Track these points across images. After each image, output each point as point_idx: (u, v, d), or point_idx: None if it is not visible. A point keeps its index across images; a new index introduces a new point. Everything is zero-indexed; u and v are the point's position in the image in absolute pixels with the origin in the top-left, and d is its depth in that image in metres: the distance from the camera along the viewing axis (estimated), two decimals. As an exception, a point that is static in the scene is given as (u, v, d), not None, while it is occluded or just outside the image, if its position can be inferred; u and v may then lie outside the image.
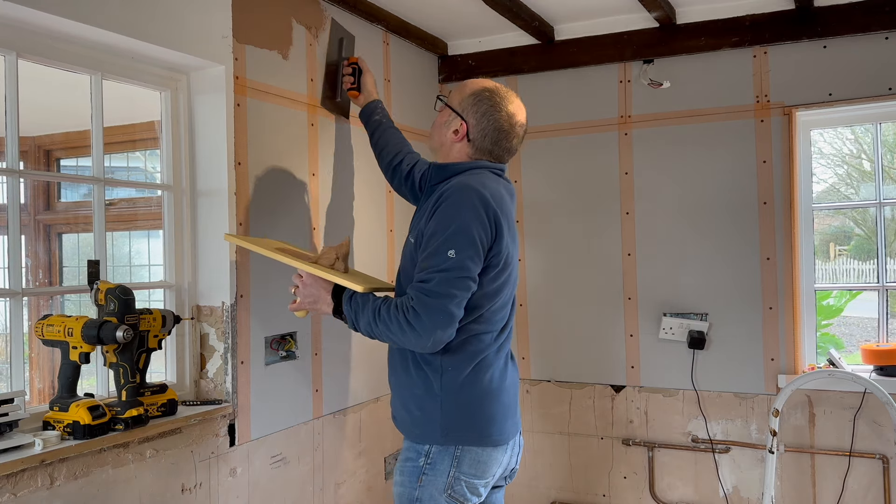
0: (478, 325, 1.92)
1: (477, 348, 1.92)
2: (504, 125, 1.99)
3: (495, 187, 1.94)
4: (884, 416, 2.93)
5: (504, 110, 1.99)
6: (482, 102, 1.99)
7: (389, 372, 2.05)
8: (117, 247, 3.96)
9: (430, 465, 1.91)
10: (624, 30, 3.26)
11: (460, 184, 1.89)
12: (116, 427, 1.94)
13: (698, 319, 3.21)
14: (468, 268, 1.80)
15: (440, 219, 1.84)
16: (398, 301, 1.84)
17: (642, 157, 3.32)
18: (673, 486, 3.30)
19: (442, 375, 1.90)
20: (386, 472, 3.14)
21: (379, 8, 3.03)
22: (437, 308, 1.77)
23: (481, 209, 1.83)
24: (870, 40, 2.94)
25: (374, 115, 2.60)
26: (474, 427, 1.91)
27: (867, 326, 7.87)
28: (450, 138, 2.03)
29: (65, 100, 3.17)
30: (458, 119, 2.01)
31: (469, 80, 2.08)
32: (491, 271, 1.88)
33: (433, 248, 1.82)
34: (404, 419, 1.98)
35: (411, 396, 1.95)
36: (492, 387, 1.94)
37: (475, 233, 1.81)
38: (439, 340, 1.81)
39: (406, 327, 1.80)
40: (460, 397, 1.90)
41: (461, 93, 2.04)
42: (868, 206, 3.73)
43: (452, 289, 1.78)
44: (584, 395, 3.44)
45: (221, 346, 2.34)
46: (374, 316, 1.85)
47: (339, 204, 2.87)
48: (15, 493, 1.72)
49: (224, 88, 2.32)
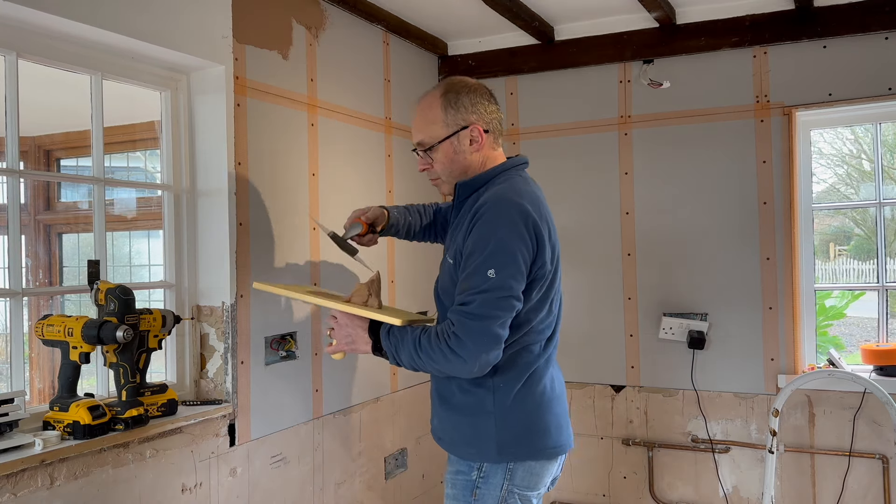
0: (527, 338, 1.84)
1: (527, 361, 1.84)
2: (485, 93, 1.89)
3: (530, 191, 1.84)
4: (884, 416, 2.93)
5: (471, 85, 1.88)
6: (458, 99, 1.86)
7: (433, 393, 1.96)
8: (117, 247, 3.96)
9: (484, 478, 1.83)
10: (624, 30, 3.26)
11: (495, 196, 1.78)
12: (116, 427, 1.94)
13: (698, 319, 3.21)
14: (510, 286, 1.71)
15: (477, 237, 1.74)
16: (439, 328, 1.75)
17: (642, 157, 3.32)
18: (673, 486, 3.30)
19: (494, 393, 1.82)
20: (386, 472, 3.14)
21: (379, 8, 3.03)
22: (480, 331, 1.69)
23: (520, 223, 1.74)
24: (870, 40, 2.94)
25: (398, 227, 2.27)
26: (531, 442, 1.83)
27: (867, 326, 7.87)
28: (471, 153, 1.88)
29: (65, 100, 3.17)
30: (463, 132, 1.86)
31: (421, 104, 1.91)
32: (537, 283, 1.79)
33: (472, 269, 1.73)
34: (454, 439, 1.89)
35: (462, 417, 1.86)
36: (544, 398, 1.86)
37: (515, 249, 1.72)
38: (486, 364, 1.72)
39: (450, 354, 1.70)
40: (515, 413, 1.82)
41: (432, 117, 1.87)
42: (868, 206, 3.73)
43: (495, 310, 1.69)
44: (584, 395, 3.44)
45: (221, 346, 2.34)
46: (415, 347, 1.75)
47: (340, 204, 2.87)
48: (15, 493, 1.72)
49: (224, 88, 2.32)
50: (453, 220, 1.96)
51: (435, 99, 1.88)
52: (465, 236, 1.78)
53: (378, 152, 3.12)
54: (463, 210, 1.88)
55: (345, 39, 2.92)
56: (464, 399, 1.85)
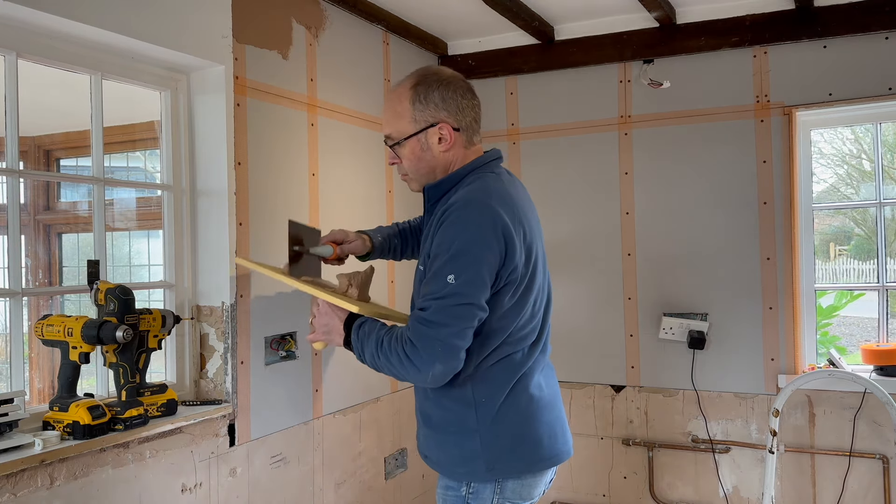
0: (507, 347, 1.72)
1: (509, 371, 1.72)
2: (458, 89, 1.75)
3: (501, 190, 1.71)
4: (884, 416, 2.93)
5: (444, 77, 1.75)
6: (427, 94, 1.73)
7: (417, 409, 1.85)
8: (117, 247, 3.96)
9: (473, 494, 1.73)
10: (624, 30, 3.26)
11: (463, 198, 1.67)
12: (116, 427, 1.94)
13: (698, 319, 3.21)
14: (470, 294, 1.58)
15: (440, 240, 1.63)
16: (398, 332, 1.65)
17: (642, 157, 3.32)
18: (673, 486, 3.30)
19: (477, 409, 1.70)
20: (386, 472, 3.14)
21: (379, 8, 3.03)
22: (433, 339, 1.57)
23: (487, 227, 1.61)
24: (870, 40, 2.94)
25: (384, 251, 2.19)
26: (522, 455, 1.72)
27: (867, 326, 7.87)
28: (440, 152, 1.75)
29: (65, 100, 3.17)
30: (432, 129, 1.73)
31: (387, 98, 1.81)
32: (509, 289, 1.67)
33: (432, 273, 1.62)
34: (441, 459, 1.78)
35: (446, 435, 1.75)
36: (532, 408, 1.74)
37: (479, 255, 1.59)
38: (440, 374, 1.61)
39: (405, 360, 1.60)
40: (501, 427, 1.71)
41: (401, 111, 1.75)
42: (868, 206, 3.73)
43: (451, 318, 1.57)
44: (584, 395, 3.44)
45: (221, 346, 2.34)
46: (376, 347, 1.66)
47: (340, 204, 2.87)
48: (15, 493, 1.72)
49: (224, 88, 2.32)
50: (425, 225, 1.83)
51: (405, 91, 1.75)
52: (432, 241, 1.68)
53: (378, 152, 3.12)
54: (434, 214, 1.75)
55: (345, 39, 2.92)
56: (444, 416, 1.75)
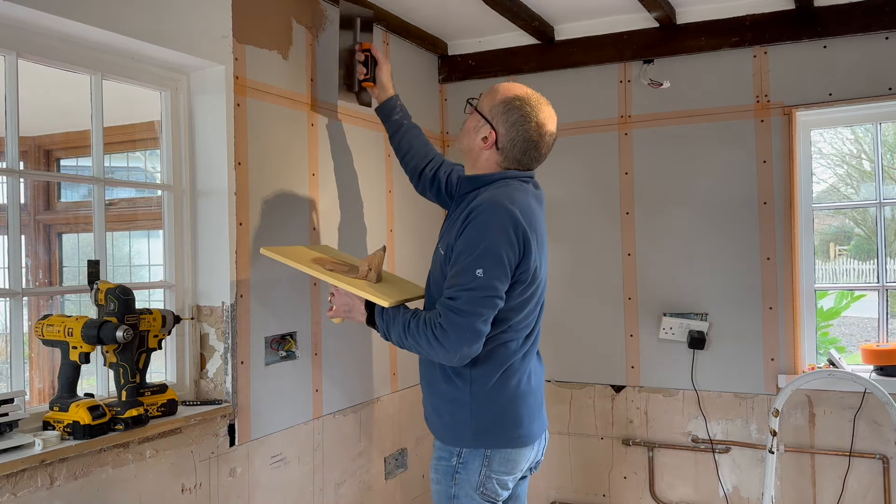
0: (505, 335, 1.96)
1: (504, 356, 1.98)
2: (533, 136, 1.98)
3: (524, 200, 1.94)
4: (884, 416, 2.93)
5: (534, 120, 1.97)
6: (513, 111, 1.97)
7: (421, 378, 2.12)
8: (117, 247, 3.96)
9: (463, 464, 1.98)
10: (624, 30, 3.26)
11: (490, 200, 1.89)
12: (116, 427, 1.94)
13: (698, 319, 3.21)
14: (495, 287, 1.84)
15: (469, 237, 1.86)
16: (427, 316, 1.89)
17: (642, 157, 3.32)
18: (673, 486, 3.30)
19: (472, 385, 1.96)
20: (386, 472, 3.14)
21: (379, 8, 3.03)
22: (463, 326, 1.82)
23: (510, 228, 1.86)
24: (870, 40, 2.94)
25: (394, 113, 2.55)
26: (504, 430, 1.98)
27: (867, 326, 7.88)
28: (478, 145, 2.02)
29: (65, 100, 3.17)
30: (487, 126, 2.00)
31: (500, 86, 2.05)
32: (519, 286, 1.92)
33: (461, 267, 1.85)
34: (436, 424, 2.05)
35: (443, 403, 2.02)
36: (518, 391, 2.00)
37: (503, 252, 1.84)
38: (466, 356, 1.86)
39: (434, 342, 1.86)
40: (489, 404, 1.97)
41: (492, 99, 2.01)
42: (868, 206, 3.74)
43: (479, 307, 1.83)
44: (584, 395, 3.44)
45: (221, 346, 2.34)
46: (404, 329, 1.92)
47: (340, 204, 2.87)
48: (15, 493, 1.72)
49: (224, 88, 2.32)
50: (451, 212, 2.08)
51: (507, 94, 2.00)
52: (458, 234, 1.90)
53: (378, 152, 3.12)
54: (461, 205, 1.99)
55: (345, 39, 2.92)
56: (445, 387, 2.00)
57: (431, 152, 2.48)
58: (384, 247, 2.19)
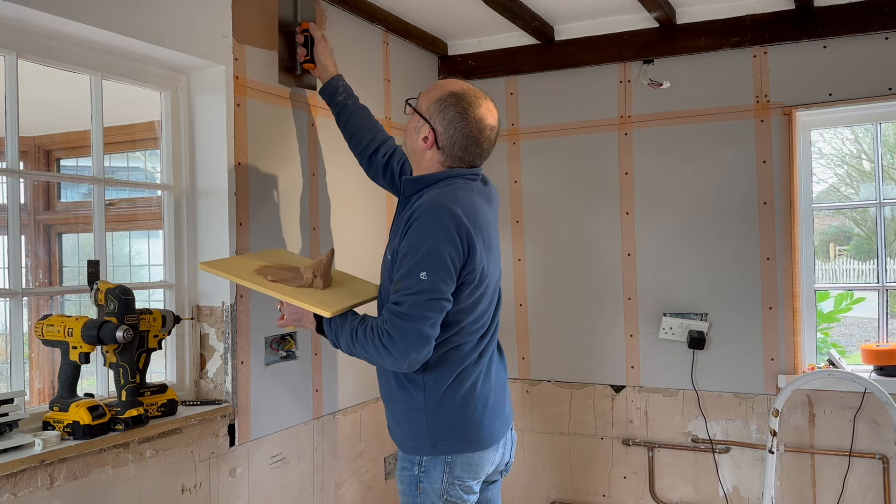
0: (457, 338, 1.92)
1: (457, 359, 1.93)
2: (473, 131, 1.92)
3: (468, 199, 1.90)
4: (884, 416, 2.93)
5: (472, 115, 1.91)
6: (448, 109, 1.92)
7: (379, 387, 2.08)
8: (117, 247, 3.96)
9: (425, 472, 1.94)
10: (624, 30, 3.26)
11: (431, 201, 1.85)
12: (116, 427, 1.94)
13: (698, 319, 3.21)
14: (440, 289, 1.79)
15: (412, 240, 1.82)
16: (374, 323, 1.85)
17: (642, 157, 3.32)
18: (673, 486, 3.30)
19: (425, 390, 1.92)
20: (386, 472, 3.14)
21: (379, 8, 3.03)
22: (410, 331, 1.78)
23: (452, 229, 1.81)
24: (870, 40, 2.94)
25: (337, 94, 2.47)
26: (461, 435, 1.94)
27: (867, 326, 7.88)
28: (420, 145, 1.97)
29: (65, 100, 3.17)
30: (426, 125, 1.94)
31: (437, 83, 2.01)
32: (466, 288, 1.87)
33: (405, 271, 1.81)
34: (396, 433, 2.03)
35: (400, 411, 1.98)
36: (474, 393, 1.95)
37: (446, 254, 1.79)
38: (415, 361, 1.82)
39: (382, 349, 1.81)
40: (445, 409, 1.92)
41: (429, 97, 1.97)
42: (868, 206, 3.74)
43: (425, 311, 1.78)
44: (584, 395, 3.44)
45: (221, 346, 2.34)
46: (351, 337, 1.87)
47: (340, 204, 2.87)
48: (15, 494, 1.72)
49: (224, 88, 2.32)
50: (397, 215, 2.03)
51: (443, 91, 1.95)
52: (401, 238, 1.87)
53: (378, 152, 3.12)
54: (406, 208, 1.95)
55: (345, 39, 2.92)
56: (401, 395, 1.96)
57: (381, 135, 2.41)
58: (332, 249, 2.11)
